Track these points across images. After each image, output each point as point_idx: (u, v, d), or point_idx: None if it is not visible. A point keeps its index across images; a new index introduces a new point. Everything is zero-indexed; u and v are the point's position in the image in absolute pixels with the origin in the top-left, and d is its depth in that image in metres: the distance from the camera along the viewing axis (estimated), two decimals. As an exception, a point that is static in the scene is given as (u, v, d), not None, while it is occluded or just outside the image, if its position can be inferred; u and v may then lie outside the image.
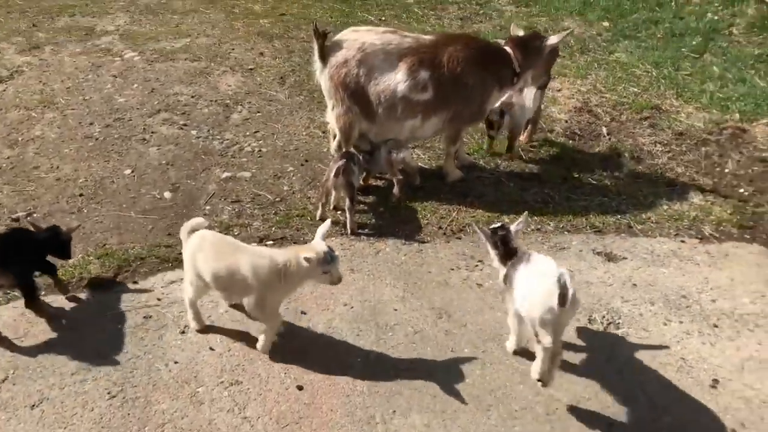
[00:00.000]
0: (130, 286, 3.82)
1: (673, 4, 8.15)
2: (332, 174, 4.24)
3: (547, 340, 2.88)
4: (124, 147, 5.24)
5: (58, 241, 3.70)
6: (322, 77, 4.51)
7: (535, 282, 2.94)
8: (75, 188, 4.74)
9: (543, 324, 2.88)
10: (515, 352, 3.33)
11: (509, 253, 3.12)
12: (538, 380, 3.01)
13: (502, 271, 3.15)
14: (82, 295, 3.74)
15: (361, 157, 4.45)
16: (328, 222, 3.28)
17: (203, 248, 3.23)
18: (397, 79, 4.32)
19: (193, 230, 3.32)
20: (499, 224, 3.26)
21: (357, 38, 4.42)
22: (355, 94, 4.40)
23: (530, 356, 3.20)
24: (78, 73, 6.42)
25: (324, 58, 4.44)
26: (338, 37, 4.53)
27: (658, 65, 6.54)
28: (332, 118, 4.60)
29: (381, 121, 4.47)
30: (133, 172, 4.94)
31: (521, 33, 4.75)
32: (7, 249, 3.42)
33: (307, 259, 3.01)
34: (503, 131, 4.90)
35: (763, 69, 6.43)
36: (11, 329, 3.47)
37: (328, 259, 3.05)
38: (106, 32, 7.41)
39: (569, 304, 2.81)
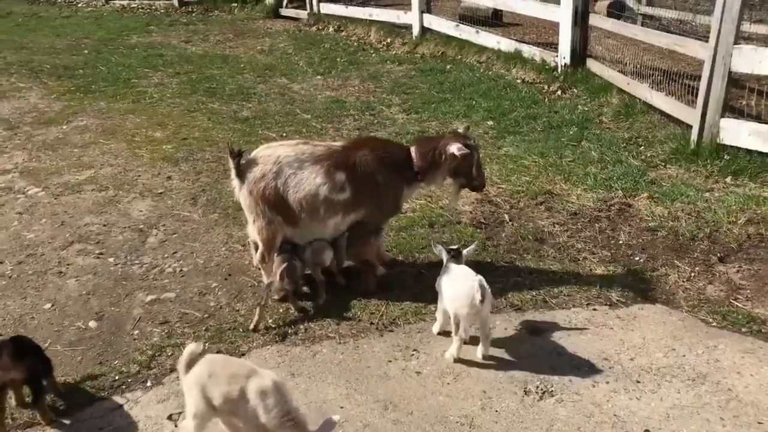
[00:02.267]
0: (66, 420, 3.71)
1: (546, 100, 8.99)
2: (277, 279, 4.46)
3: (463, 332, 3.98)
4: (41, 282, 5.16)
5: None
6: (241, 194, 4.70)
7: (460, 284, 3.98)
8: (-8, 329, 4.60)
9: (466, 317, 3.92)
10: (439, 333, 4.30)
11: None
12: (455, 360, 4.05)
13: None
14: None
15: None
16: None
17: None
18: (317, 183, 4.57)
19: (192, 359, 3.29)
20: (455, 246, 4.40)
21: (271, 153, 4.67)
22: (276, 205, 4.60)
23: (477, 429, 3.37)
24: (-20, 214, 6.30)
25: (241, 175, 4.64)
26: (252, 154, 4.76)
27: (543, 155, 7.15)
28: (254, 231, 4.75)
29: (305, 224, 4.68)
30: (53, 305, 4.86)
31: (460, 129, 5.10)
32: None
33: None
34: None
35: (634, 150, 7.17)
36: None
37: None
38: (5, 171, 7.34)
39: (487, 301, 3.87)
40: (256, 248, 4.94)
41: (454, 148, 4.66)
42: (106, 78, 11.04)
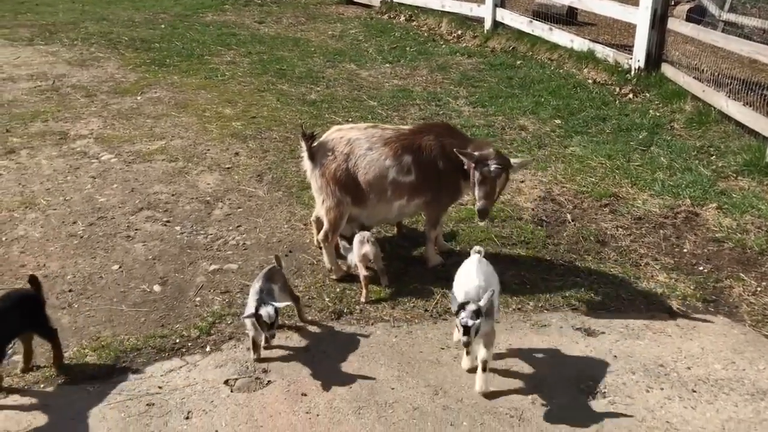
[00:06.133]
0: (129, 376, 3.87)
1: (617, 102, 8.83)
2: (358, 260, 4.66)
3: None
4: (110, 244, 5.36)
5: None
6: (313, 176, 4.81)
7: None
8: (64, 284, 4.81)
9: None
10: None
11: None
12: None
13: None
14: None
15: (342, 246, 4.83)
16: None
17: None
18: (386, 165, 4.64)
19: None
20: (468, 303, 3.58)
21: (342, 135, 4.76)
22: (346, 186, 4.69)
23: (530, 429, 3.38)
24: (57, 175, 6.57)
25: (313, 158, 4.74)
26: (324, 137, 4.85)
27: (611, 157, 7.04)
28: (322, 211, 4.84)
29: (372, 205, 4.77)
30: (120, 267, 5.05)
31: (491, 150, 4.64)
32: None
33: None
34: None
35: (705, 159, 6.99)
36: (14, 422, 3.48)
37: None
38: (81, 136, 7.61)
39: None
40: (318, 228, 5.03)
41: (494, 166, 4.49)
42: (180, 53, 11.30)
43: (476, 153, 4.53)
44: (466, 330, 3.43)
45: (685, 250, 5.35)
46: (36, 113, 8.31)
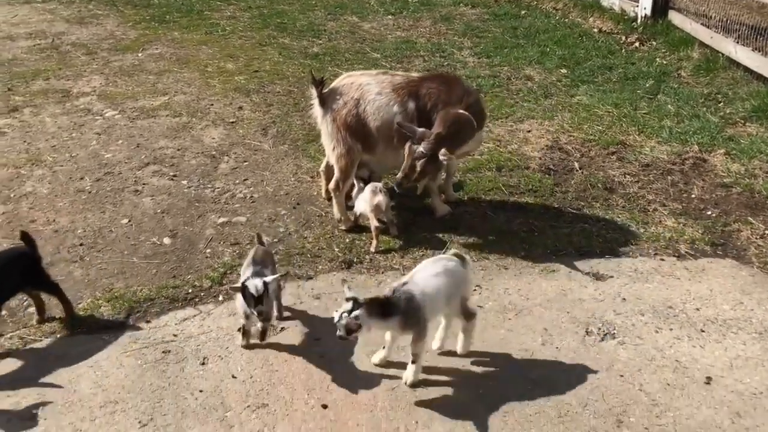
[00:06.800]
0: (144, 325, 3.93)
1: (623, 51, 8.73)
2: (370, 210, 4.65)
3: None
4: (118, 198, 5.37)
5: None
6: (324, 122, 4.78)
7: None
8: (74, 239, 4.84)
9: None
10: None
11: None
12: None
13: None
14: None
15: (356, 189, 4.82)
16: None
17: None
18: (393, 111, 4.63)
19: None
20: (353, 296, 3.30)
21: (353, 81, 4.73)
22: (356, 132, 4.67)
23: (541, 369, 3.45)
24: (61, 132, 6.55)
25: (324, 104, 4.71)
26: (335, 83, 4.81)
27: (617, 106, 6.99)
28: (333, 158, 4.83)
29: (381, 152, 4.77)
30: (130, 221, 5.07)
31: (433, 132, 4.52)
32: None
33: None
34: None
35: (713, 106, 6.93)
36: (32, 369, 3.55)
37: None
38: (84, 93, 7.57)
39: None
40: (328, 178, 5.03)
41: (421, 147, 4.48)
42: (180, 9, 11.14)
43: (419, 130, 4.45)
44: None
45: (693, 196, 5.35)
46: (37, 71, 8.24)
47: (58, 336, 3.85)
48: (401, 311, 3.28)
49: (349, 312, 3.16)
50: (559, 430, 3.17)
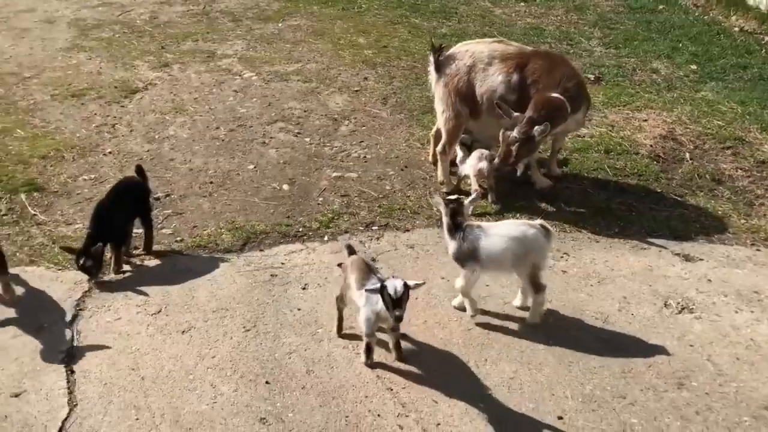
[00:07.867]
0: (257, 253, 4.43)
1: (763, 51, 8.42)
2: (473, 174, 4.94)
3: None
4: (247, 148, 5.94)
5: None
6: (437, 87, 5.10)
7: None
8: (206, 177, 5.44)
9: None
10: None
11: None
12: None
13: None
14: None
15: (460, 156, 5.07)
16: None
17: None
18: (498, 80, 4.86)
19: None
20: (454, 197, 3.83)
21: (468, 48, 5.03)
22: (465, 98, 4.96)
23: (613, 330, 3.63)
24: (204, 87, 7.24)
25: (439, 69, 5.03)
26: (451, 50, 5.11)
27: (744, 104, 6.82)
28: (442, 122, 5.15)
29: (484, 119, 5.02)
30: (255, 167, 5.61)
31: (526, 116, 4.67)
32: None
33: None
34: None
35: None
36: (160, 277, 4.14)
37: None
38: (226, 56, 8.26)
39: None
40: (437, 142, 5.34)
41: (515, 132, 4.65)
42: (322, -15, 11.75)
43: (513, 114, 4.61)
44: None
45: (805, 196, 5.24)
46: (187, 34, 9.04)
47: (185, 253, 4.41)
48: (461, 239, 3.62)
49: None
50: (620, 383, 3.36)
